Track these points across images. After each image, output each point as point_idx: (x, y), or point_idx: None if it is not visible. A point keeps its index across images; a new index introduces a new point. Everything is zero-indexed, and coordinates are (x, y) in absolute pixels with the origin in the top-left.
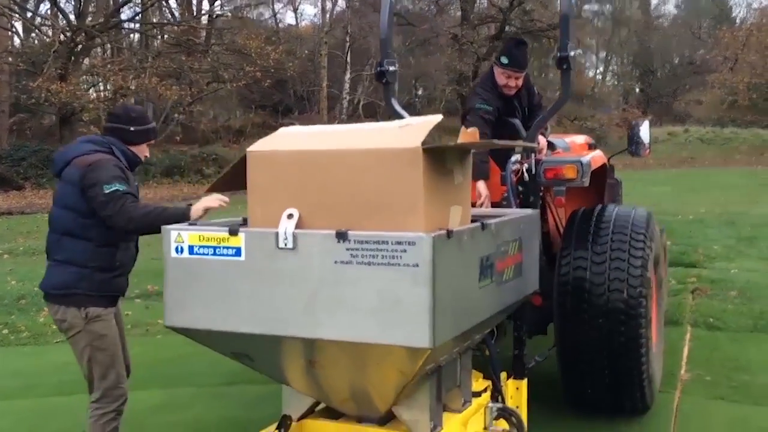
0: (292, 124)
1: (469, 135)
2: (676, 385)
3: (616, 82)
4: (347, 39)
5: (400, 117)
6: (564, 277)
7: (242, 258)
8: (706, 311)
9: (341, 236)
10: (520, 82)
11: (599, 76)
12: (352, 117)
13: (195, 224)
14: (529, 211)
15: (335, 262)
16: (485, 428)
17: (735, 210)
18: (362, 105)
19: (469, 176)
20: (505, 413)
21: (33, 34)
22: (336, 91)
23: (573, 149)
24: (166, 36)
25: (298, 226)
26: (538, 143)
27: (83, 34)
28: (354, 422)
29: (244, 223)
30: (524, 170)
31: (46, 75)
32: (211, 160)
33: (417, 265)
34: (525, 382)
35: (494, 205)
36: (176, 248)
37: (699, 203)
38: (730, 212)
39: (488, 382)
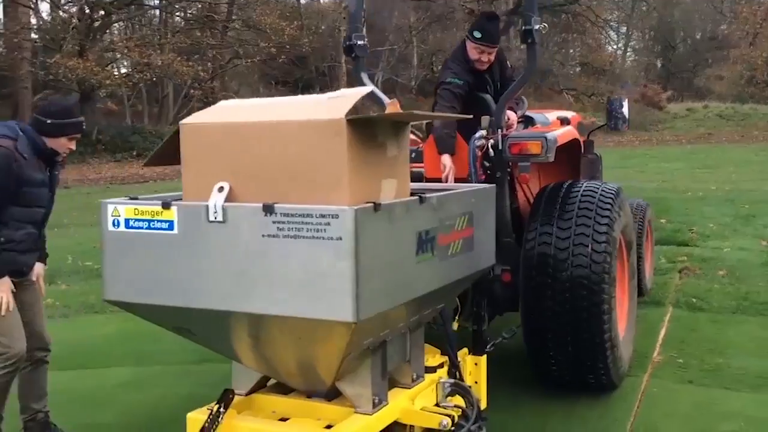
0: None
1: (392, 106)
2: (647, 367)
3: (636, 58)
4: (363, 15)
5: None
6: (529, 252)
7: (175, 231)
8: (691, 291)
9: (268, 209)
10: (492, 57)
11: (619, 52)
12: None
13: (136, 198)
14: (483, 185)
15: (263, 235)
16: (437, 404)
17: (745, 187)
18: (381, 81)
19: (406, 150)
20: (460, 389)
21: (52, 11)
22: (336, 62)
23: (553, 125)
24: (185, 13)
25: (229, 199)
26: (507, 118)
27: (101, 11)
28: (303, 397)
29: None
30: (489, 145)
31: (65, 51)
32: None
33: (340, 239)
34: (484, 358)
35: (460, 180)
36: (113, 222)
37: (710, 180)
38: (739, 189)
39: (445, 358)
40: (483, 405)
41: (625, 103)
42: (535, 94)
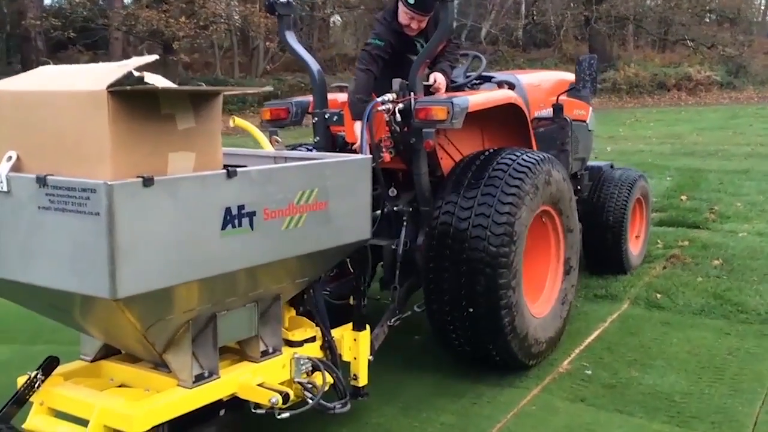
0: None
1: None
2: (543, 378)
3: None
4: None
5: (295, 52)
6: (432, 223)
7: None
8: (661, 285)
9: (41, 181)
10: (423, 25)
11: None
12: (481, 45)
13: None
14: (348, 156)
15: (39, 207)
16: (291, 379)
17: None
18: (486, 34)
19: (210, 121)
20: (322, 365)
21: None
22: (474, 22)
23: (529, 90)
24: None
25: (17, 168)
26: (434, 80)
27: None
28: (149, 367)
29: None
30: (396, 110)
31: (139, 3)
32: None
33: (98, 214)
34: (364, 333)
35: (374, 146)
36: None
37: None
38: None
39: (315, 332)
40: (363, 381)
41: (592, 64)
42: (654, 45)
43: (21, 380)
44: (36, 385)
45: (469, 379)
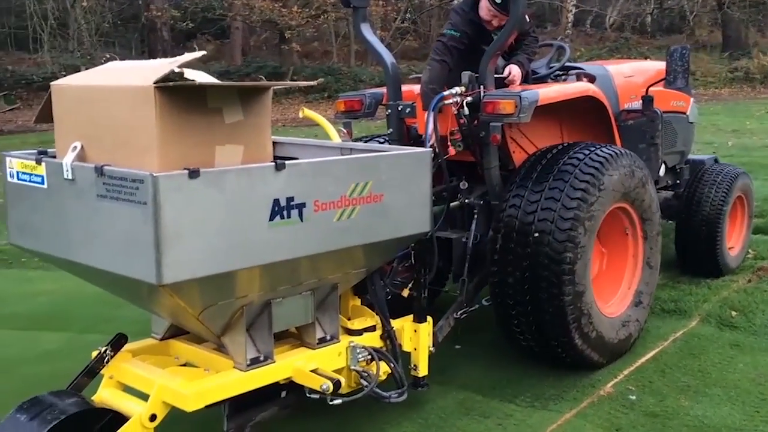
0: None
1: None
2: (582, 401)
3: None
4: None
5: (369, 44)
6: (499, 216)
7: (45, 186)
8: (739, 302)
9: (98, 171)
10: (503, 23)
11: None
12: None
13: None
14: (405, 149)
15: (97, 195)
16: (348, 367)
17: None
18: (612, 21)
19: (259, 115)
20: (378, 354)
21: None
22: (599, 9)
23: (618, 81)
24: None
25: (81, 158)
26: (509, 73)
27: None
28: (212, 348)
29: None
30: (464, 103)
31: None
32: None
33: (145, 203)
34: (424, 325)
35: (443, 137)
36: (9, 173)
37: None
38: None
39: (375, 322)
40: (423, 372)
41: (685, 55)
42: None
43: (93, 354)
44: (105, 360)
45: (498, 398)
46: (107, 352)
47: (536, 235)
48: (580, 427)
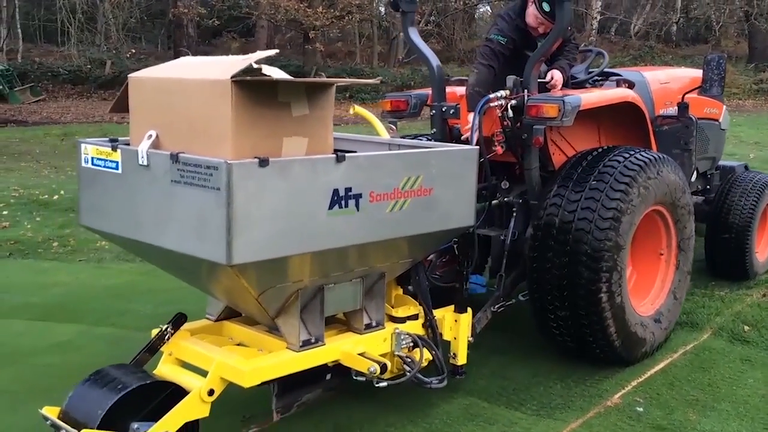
0: None
1: None
2: (588, 410)
3: None
4: None
5: (417, 48)
6: (539, 214)
7: (119, 171)
8: (752, 316)
9: (174, 158)
10: (547, 30)
11: None
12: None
13: (116, 140)
14: (454, 146)
15: (171, 180)
16: (392, 353)
17: None
18: (637, 30)
19: (323, 109)
20: (421, 342)
21: None
22: (624, 17)
23: (654, 87)
24: None
25: (155, 146)
26: (551, 77)
27: None
28: (264, 330)
29: None
30: (509, 106)
31: None
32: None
33: (219, 189)
34: (465, 315)
35: (487, 139)
36: (84, 159)
37: None
38: None
39: (418, 310)
40: (462, 361)
41: (720, 63)
42: None
43: (154, 332)
44: (166, 338)
45: (504, 405)
46: (168, 330)
47: (575, 232)
48: None
